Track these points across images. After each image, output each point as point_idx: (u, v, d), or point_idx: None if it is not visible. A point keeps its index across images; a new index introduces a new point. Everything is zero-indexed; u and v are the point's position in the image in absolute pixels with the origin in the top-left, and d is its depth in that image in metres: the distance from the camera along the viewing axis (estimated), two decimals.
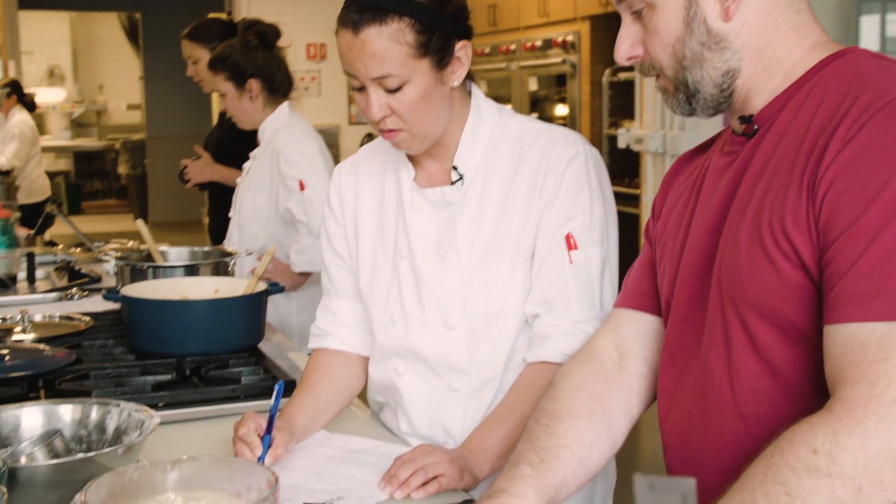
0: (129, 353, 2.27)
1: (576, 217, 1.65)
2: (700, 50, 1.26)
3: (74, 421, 1.58)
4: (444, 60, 1.63)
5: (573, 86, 6.22)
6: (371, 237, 1.80)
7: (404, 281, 1.74)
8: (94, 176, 13.96)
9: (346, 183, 1.84)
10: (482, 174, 1.71)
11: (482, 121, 1.73)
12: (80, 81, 14.48)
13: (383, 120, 1.63)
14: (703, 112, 1.31)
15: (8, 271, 3.16)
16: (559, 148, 1.68)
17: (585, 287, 1.65)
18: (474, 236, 1.69)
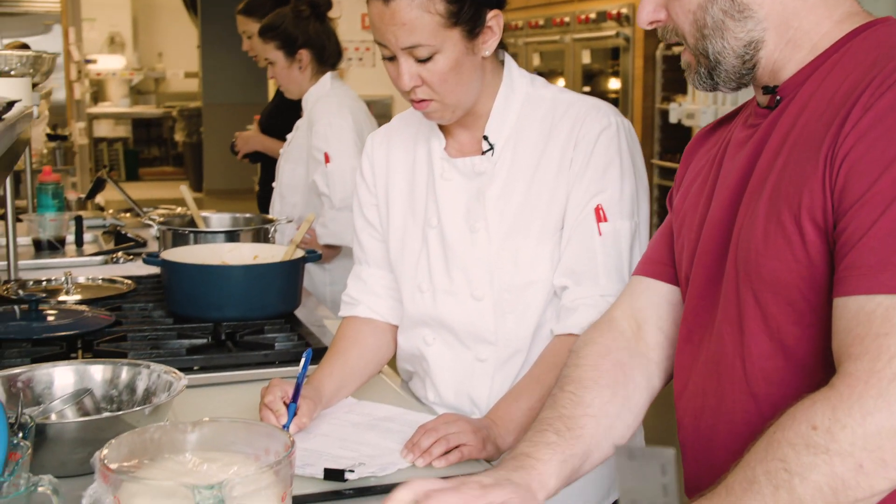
0: (167, 317, 2.31)
1: (606, 189, 1.64)
2: (722, 18, 1.22)
3: (105, 381, 1.61)
4: (476, 30, 1.62)
5: (626, 59, 6.15)
6: (402, 206, 1.80)
7: (433, 251, 1.74)
8: (151, 143, 14.12)
9: (379, 152, 1.85)
10: (513, 144, 1.70)
11: (514, 91, 1.72)
12: (140, 49, 14.63)
13: (414, 90, 1.63)
14: (725, 86, 1.27)
15: (57, 234, 3.22)
16: (590, 119, 1.66)
17: (614, 260, 1.64)
18: (503, 207, 1.69)
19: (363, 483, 1.45)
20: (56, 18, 8.20)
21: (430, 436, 1.52)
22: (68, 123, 8.11)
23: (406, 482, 1.17)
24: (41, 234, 3.19)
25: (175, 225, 2.79)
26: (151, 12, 14.52)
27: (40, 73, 2.46)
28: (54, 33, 8.20)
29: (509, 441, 1.58)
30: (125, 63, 14.17)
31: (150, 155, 14.07)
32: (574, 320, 1.63)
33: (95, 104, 13.47)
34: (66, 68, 8.37)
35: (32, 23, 8.16)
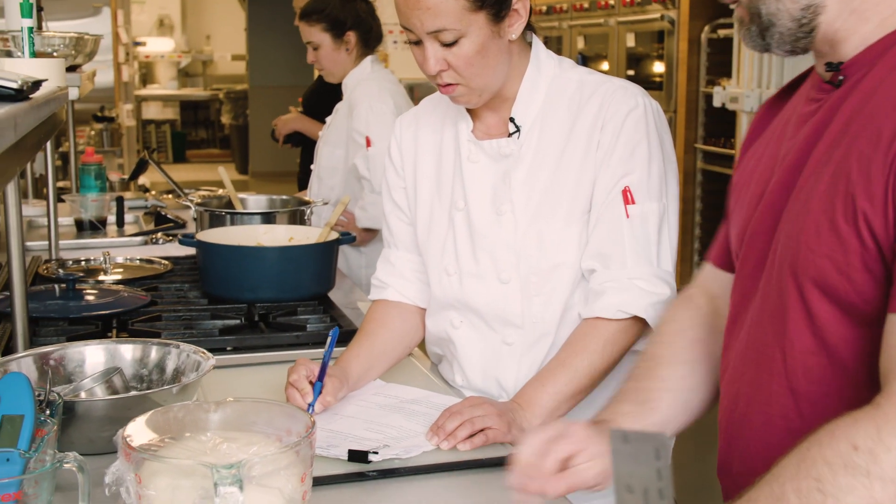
0: (202, 298, 2.33)
1: (633, 171, 1.63)
2: None
3: (135, 360, 1.63)
4: (502, 13, 1.60)
5: (671, 43, 6.08)
6: (429, 189, 1.80)
7: (459, 233, 1.74)
8: (199, 125, 14.25)
9: (407, 135, 1.84)
10: (539, 126, 1.69)
11: (541, 73, 1.70)
12: (188, 32, 14.74)
13: (440, 74, 1.62)
14: (778, 48, 1.18)
15: (99, 214, 3.26)
16: (617, 100, 1.65)
17: (642, 242, 1.63)
18: (530, 190, 1.68)
19: (387, 465, 1.46)
20: (105, 1, 8.28)
21: (455, 419, 1.52)
22: (116, 105, 8.20)
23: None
24: (83, 215, 3.23)
25: (213, 206, 2.82)
26: None
27: (83, 55, 2.49)
28: (103, 16, 8.28)
29: (535, 424, 1.57)
30: (174, 46, 14.29)
31: (197, 137, 14.19)
32: (602, 303, 1.62)
33: (144, 86, 13.61)
34: (115, 50, 8.45)
35: (81, 5, 8.24)
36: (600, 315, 1.62)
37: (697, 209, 6.14)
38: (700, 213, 6.13)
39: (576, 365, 1.60)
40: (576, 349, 1.62)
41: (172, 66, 14.24)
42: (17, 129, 0.93)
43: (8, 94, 1.00)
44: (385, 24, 3.27)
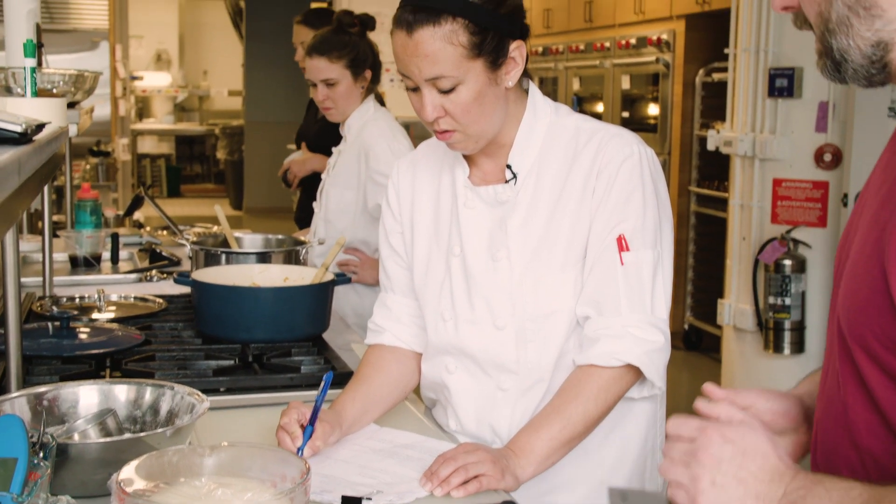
0: (196, 337, 2.32)
1: (628, 218, 1.64)
2: (846, 14, 1.11)
3: (129, 401, 1.63)
4: (499, 61, 1.62)
5: (666, 85, 6.13)
6: (426, 234, 1.80)
7: (456, 279, 1.74)
8: (194, 160, 14.27)
9: (405, 179, 1.85)
10: (536, 173, 1.70)
11: (538, 119, 1.72)
12: (186, 66, 14.82)
13: (437, 121, 1.63)
14: (854, 82, 1.16)
15: (93, 251, 3.26)
16: (613, 147, 1.66)
17: (636, 290, 1.63)
18: (525, 236, 1.69)
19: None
20: (104, 35, 8.33)
21: (449, 465, 1.52)
22: (112, 140, 8.21)
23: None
24: (78, 251, 3.23)
25: (209, 244, 2.82)
26: (198, 31, 14.71)
27: (82, 91, 2.50)
28: (101, 50, 8.32)
29: (529, 472, 1.57)
30: (171, 80, 14.35)
31: (192, 172, 14.22)
32: (596, 351, 1.62)
33: (140, 120, 13.65)
34: (112, 85, 8.49)
35: (80, 39, 8.29)
36: (594, 362, 1.62)
37: (691, 251, 6.16)
38: (693, 255, 6.15)
39: (570, 412, 1.60)
40: (570, 396, 1.62)
41: (169, 101, 14.30)
42: (21, 173, 0.94)
43: (11, 137, 1.01)
44: (382, 62, 3.27)
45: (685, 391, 5.54)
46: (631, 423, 1.74)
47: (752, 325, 4.93)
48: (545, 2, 7.71)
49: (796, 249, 4.72)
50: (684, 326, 6.21)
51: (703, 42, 5.93)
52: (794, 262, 4.69)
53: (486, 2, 1.59)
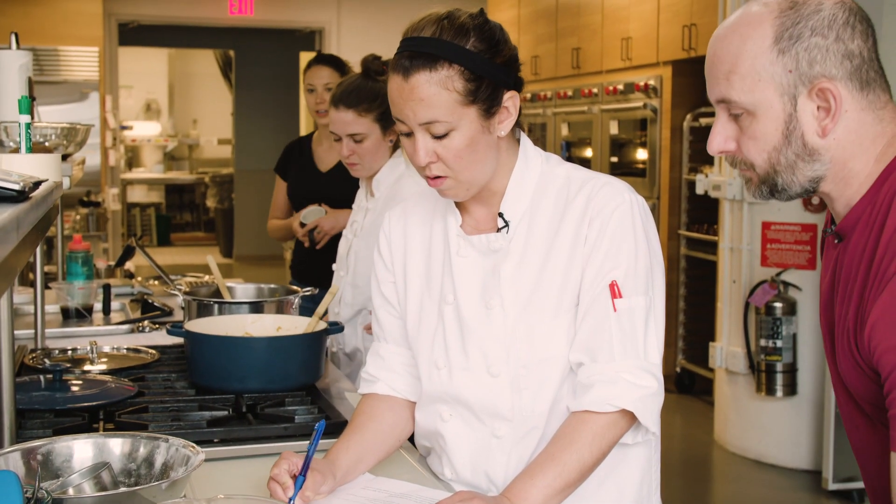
0: (189, 388, 2.32)
1: (620, 265, 1.65)
2: (794, 160, 1.39)
3: (124, 455, 1.62)
4: (492, 109, 1.64)
5: (654, 130, 6.19)
6: (419, 283, 1.81)
7: (449, 327, 1.75)
8: (184, 208, 14.30)
9: (396, 229, 1.86)
10: (528, 221, 1.72)
11: (529, 168, 1.74)
12: (175, 115, 14.89)
13: (429, 166, 1.65)
14: (781, 200, 1.46)
15: (85, 302, 3.26)
16: (604, 195, 1.68)
17: (629, 335, 1.64)
18: (519, 284, 1.70)
19: None
20: (94, 86, 8.38)
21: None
22: (102, 189, 8.23)
23: None
24: (69, 303, 3.23)
25: (201, 295, 2.82)
26: (187, 80, 14.80)
27: (74, 144, 2.51)
28: (91, 100, 8.37)
29: None
30: (160, 130, 14.41)
31: (181, 220, 14.24)
32: (590, 397, 1.63)
33: (130, 170, 13.69)
34: (102, 135, 8.53)
35: (70, 90, 8.34)
36: (589, 408, 1.62)
37: (681, 295, 6.17)
38: (684, 298, 6.17)
39: (565, 459, 1.60)
40: (565, 443, 1.62)
41: (158, 150, 14.35)
42: (19, 231, 0.95)
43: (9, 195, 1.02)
44: None
45: (678, 434, 5.53)
46: (626, 469, 1.74)
47: (744, 367, 4.95)
48: (533, 48, 7.79)
49: (786, 292, 4.74)
50: (676, 370, 6.21)
51: (689, 87, 6.00)
52: (785, 304, 4.71)
53: (483, 51, 1.62)
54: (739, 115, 1.40)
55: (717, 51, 1.42)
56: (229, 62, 12.78)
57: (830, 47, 1.35)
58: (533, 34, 7.85)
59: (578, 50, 7.09)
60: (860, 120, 1.37)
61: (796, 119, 1.37)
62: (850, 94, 1.36)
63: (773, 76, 1.37)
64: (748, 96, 1.38)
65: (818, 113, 1.37)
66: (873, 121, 1.38)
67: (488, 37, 1.64)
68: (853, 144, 1.38)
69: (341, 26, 9.77)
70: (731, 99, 1.40)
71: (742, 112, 1.40)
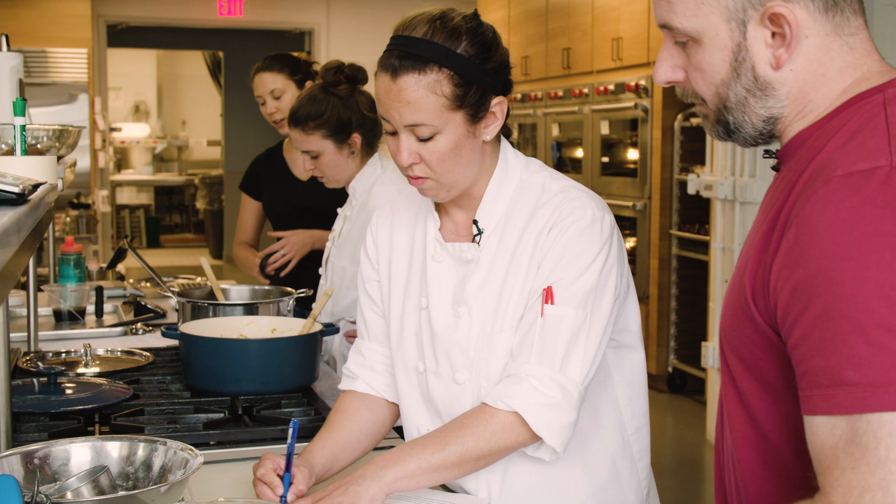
0: (185, 391, 2.31)
1: (561, 275, 1.61)
2: (745, 95, 1.21)
3: (122, 458, 1.61)
4: (479, 114, 1.63)
5: (645, 130, 6.19)
6: (402, 283, 1.80)
7: (423, 331, 1.74)
8: (173, 210, 14.26)
9: (383, 228, 1.85)
10: (500, 231, 1.69)
11: (508, 176, 1.71)
12: (164, 117, 14.85)
13: (411, 167, 1.64)
14: (741, 145, 1.29)
15: (78, 304, 3.24)
16: (568, 209, 1.64)
17: (549, 344, 1.59)
18: (484, 295, 1.68)
19: None
20: (83, 88, 8.35)
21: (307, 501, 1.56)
22: (91, 192, 8.21)
23: None
24: (62, 305, 3.21)
25: (194, 297, 2.81)
26: (176, 81, 14.76)
27: (66, 146, 2.50)
28: (80, 102, 8.35)
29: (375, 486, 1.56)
30: (149, 131, 14.37)
31: (171, 222, 14.20)
32: (494, 392, 1.61)
33: (119, 171, 13.64)
34: (92, 137, 8.51)
35: (59, 92, 8.31)
36: (487, 401, 1.60)
37: (673, 295, 6.18)
38: (676, 298, 6.17)
39: (449, 440, 1.58)
40: (455, 426, 1.61)
41: (147, 152, 14.30)
42: (20, 233, 0.94)
43: (9, 198, 1.01)
44: None
45: (670, 434, 5.54)
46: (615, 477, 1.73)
47: None
48: (523, 49, 7.79)
49: None
50: (668, 369, 6.22)
51: None
52: None
53: (474, 55, 1.60)
54: (685, 42, 1.23)
55: None
56: (218, 63, 12.75)
57: None
58: (523, 35, 7.86)
59: (569, 50, 7.10)
60: (824, 47, 1.17)
61: (745, 48, 1.18)
62: (811, 16, 1.16)
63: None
64: (690, 21, 1.20)
65: (772, 41, 1.17)
66: (840, 48, 1.18)
67: (480, 41, 1.62)
68: (814, 75, 1.18)
69: (330, 27, 9.77)
70: (671, 24, 1.22)
71: (687, 39, 1.22)
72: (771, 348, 1.13)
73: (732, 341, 1.19)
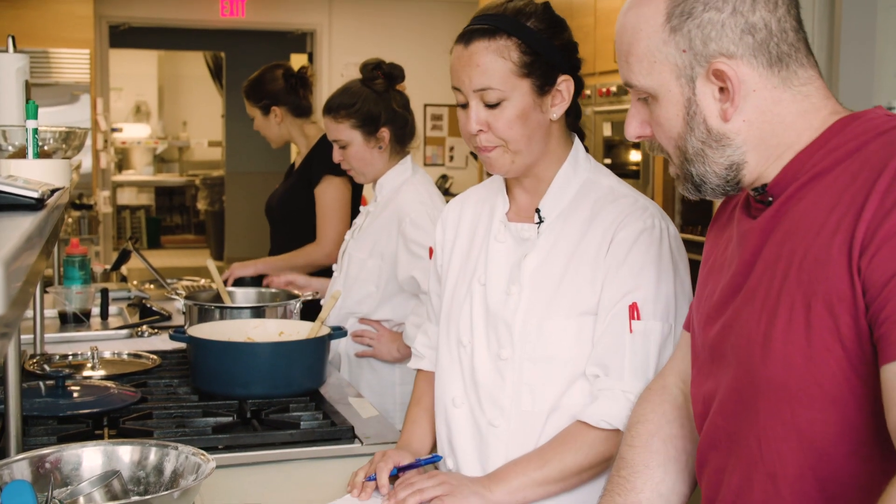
0: (192, 394, 2.31)
1: (641, 287, 1.66)
2: (700, 147, 1.27)
3: (133, 462, 1.61)
4: (545, 87, 1.69)
5: None
6: (459, 261, 1.87)
7: (476, 306, 1.80)
8: (174, 211, 14.25)
9: (452, 216, 1.94)
10: (562, 221, 1.75)
11: (577, 172, 1.77)
12: (165, 118, 14.84)
13: (479, 135, 1.69)
14: (713, 197, 1.33)
15: (83, 307, 3.24)
16: (634, 216, 1.69)
17: (641, 358, 1.65)
18: (539, 278, 1.73)
19: None
20: (85, 89, 8.34)
21: (406, 488, 1.63)
22: (93, 192, 8.20)
23: None
24: (67, 307, 3.20)
25: (201, 299, 2.80)
26: (178, 82, 14.75)
27: (72, 148, 2.50)
28: (82, 103, 8.34)
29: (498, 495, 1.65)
30: (150, 132, 14.36)
31: (172, 223, 14.18)
32: (591, 409, 1.66)
33: (120, 172, 13.63)
34: (94, 138, 8.50)
35: (60, 93, 8.30)
36: (586, 420, 1.66)
37: None
38: None
39: (549, 456, 1.66)
40: (554, 443, 1.68)
41: (149, 152, 14.29)
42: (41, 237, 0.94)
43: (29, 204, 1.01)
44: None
45: None
46: None
47: None
48: None
49: None
50: None
51: None
52: None
53: (542, 30, 1.69)
54: (646, 98, 1.30)
55: (618, 30, 1.32)
56: (219, 64, 12.73)
57: (727, 22, 1.21)
58: None
59: None
60: (774, 98, 1.24)
61: (696, 103, 1.24)
62: (755, 71, 1.22)
63: (667, 57, 1.25)
64: (646, 79, 1.27)
65: (719, 95, 1.24)
66: (793, 97, 1.24)
67: (549, 18, 1.71)
68: (771, 124, 1.24)
69: (332, 28, 9.75)
70: (632, 83, 1.30)
71: (647, 96, 1.29)
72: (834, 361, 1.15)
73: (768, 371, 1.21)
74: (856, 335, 1.12)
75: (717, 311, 1.33)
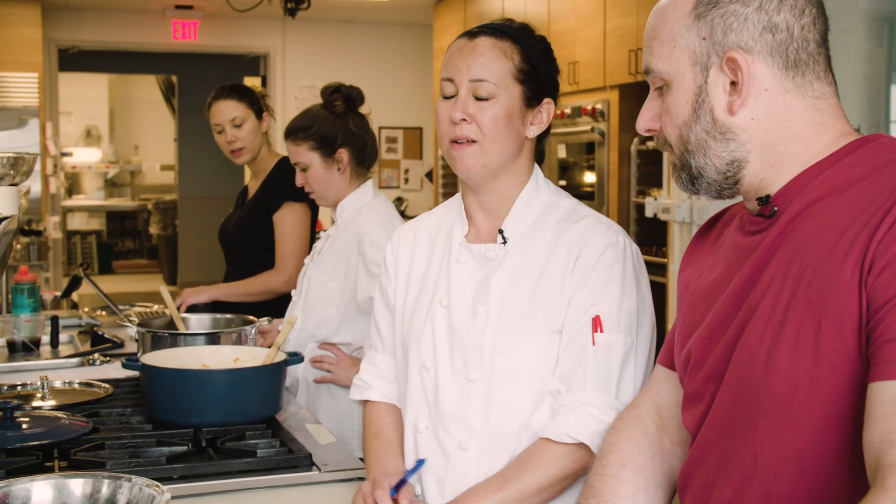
0: (146, 423, 2.26)
1: (604, 301, 1.67)
2: (704, 137, 1.28)
3: (85, 496, 1.56)
4: (532, 102, 1.73)
5: (601, 153, 6.23)
6: (416, 285, 1.86)
7: (439, 329, 1.78)
8: (125, 235, 14.09)
9: (405, 241, 1.92)
10: (526, 242, 1.75)
11: (538, 194, 1.79)
12: (116, 141, 14.69)
13: (461, 124, 1.70)
14: (706, 194, 1.33)
15: (32, 335, 3.16)
16: (599, 233, 1.71)
17: (603, 371, 1.65)
18: (507, 298, 1.72)
19: None
20: (34, 113, 8.24)
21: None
22: (43, 218, 8.08)
23: None
24: (16, 336, 3.13)
25: (154, 326, 2.76)
26: (129, 105, 14.62)
27: (21, 173, 2.45)
28: (31, 127, 8.23)
29: None
30: (101, 156, 14.20)
31: (123, 248, 14.02)
32: (553, 425, 1.65)
33: (70, 197, 13.46)
34: (43, 162, 8.38)
35: (8, 117, 8.19)
36: (548, 436, 1.65)
37: None
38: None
39: (509, 478, 1.64)
40: (515, 464, 1.67)
41: (99, 177, 14.13)
42: None
43: None
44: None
45: None
46: None
47: None
48: None
49: None
50: None
51: (636, 111, 5.96)
52: None
53: (542, 50, 1.75)
54: (662, 87, 1.31)
55: (650, 16, 1.33)
56: (172, 87, 12.64)
57: (750, 16, 1.23)
58: None
59: None
60: (786, 103, 1.24)
61: (706, 91, 1.26)
62: (770, 71, 1.24)
63: (687, 43, 1.27)
64: (664, 64, 1.29)
65: (730, 88, 1.25)
66: (805, 107, 1.25)
67: (545, 42, 1.79)
68: (780, 127, 1.25)
69: (286, 51, 9.73)
70: (650, 67, 1.31)
71: (663, 84, 1.31)
72: (838, 380, 1.14)
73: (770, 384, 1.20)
74: (863, 354, 1.12)
75: (716, 333, 1.31)
